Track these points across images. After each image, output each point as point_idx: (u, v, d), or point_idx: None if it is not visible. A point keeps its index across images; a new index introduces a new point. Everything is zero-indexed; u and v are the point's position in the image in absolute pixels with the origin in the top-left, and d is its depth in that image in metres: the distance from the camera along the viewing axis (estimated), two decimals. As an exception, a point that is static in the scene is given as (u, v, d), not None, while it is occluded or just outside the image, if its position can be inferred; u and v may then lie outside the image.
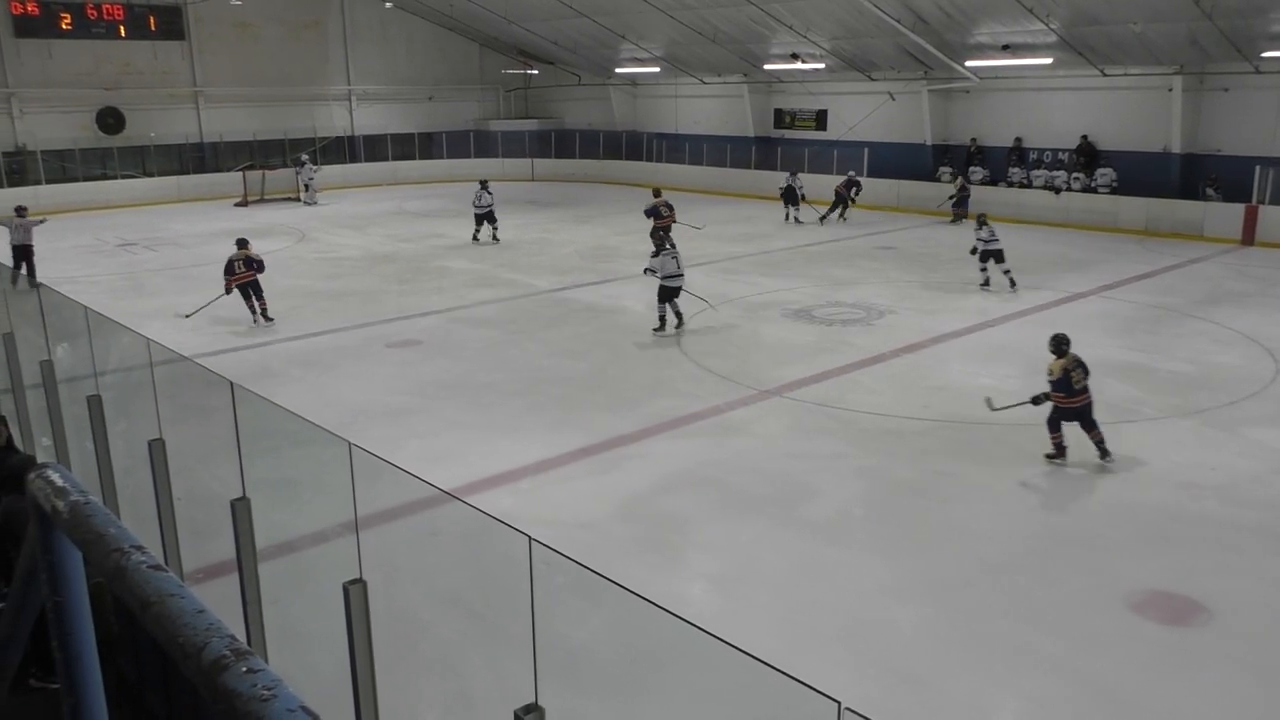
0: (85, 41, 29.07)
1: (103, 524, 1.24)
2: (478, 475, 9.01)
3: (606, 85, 35.34)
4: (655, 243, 15.43)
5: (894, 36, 24.20)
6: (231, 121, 31.86)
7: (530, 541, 3.09)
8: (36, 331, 7.64)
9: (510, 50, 36.82)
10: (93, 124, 29.55)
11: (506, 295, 16.80)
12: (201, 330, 14.57)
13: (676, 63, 31.49)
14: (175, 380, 6.53)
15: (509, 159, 35.49)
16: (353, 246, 21.83)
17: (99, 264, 20.21)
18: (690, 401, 11.09)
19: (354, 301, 16.44)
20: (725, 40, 28.04)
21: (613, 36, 30.64)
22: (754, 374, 12.05)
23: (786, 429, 10.26)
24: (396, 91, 35.63)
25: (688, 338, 13.75)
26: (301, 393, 11.37)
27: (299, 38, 33.41)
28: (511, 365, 12.69)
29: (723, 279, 17.79)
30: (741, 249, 20.94)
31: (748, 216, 25.71)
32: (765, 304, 15.79)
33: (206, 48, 31.44)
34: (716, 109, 32.21)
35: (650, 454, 9.61)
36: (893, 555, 7.55)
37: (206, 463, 6.36)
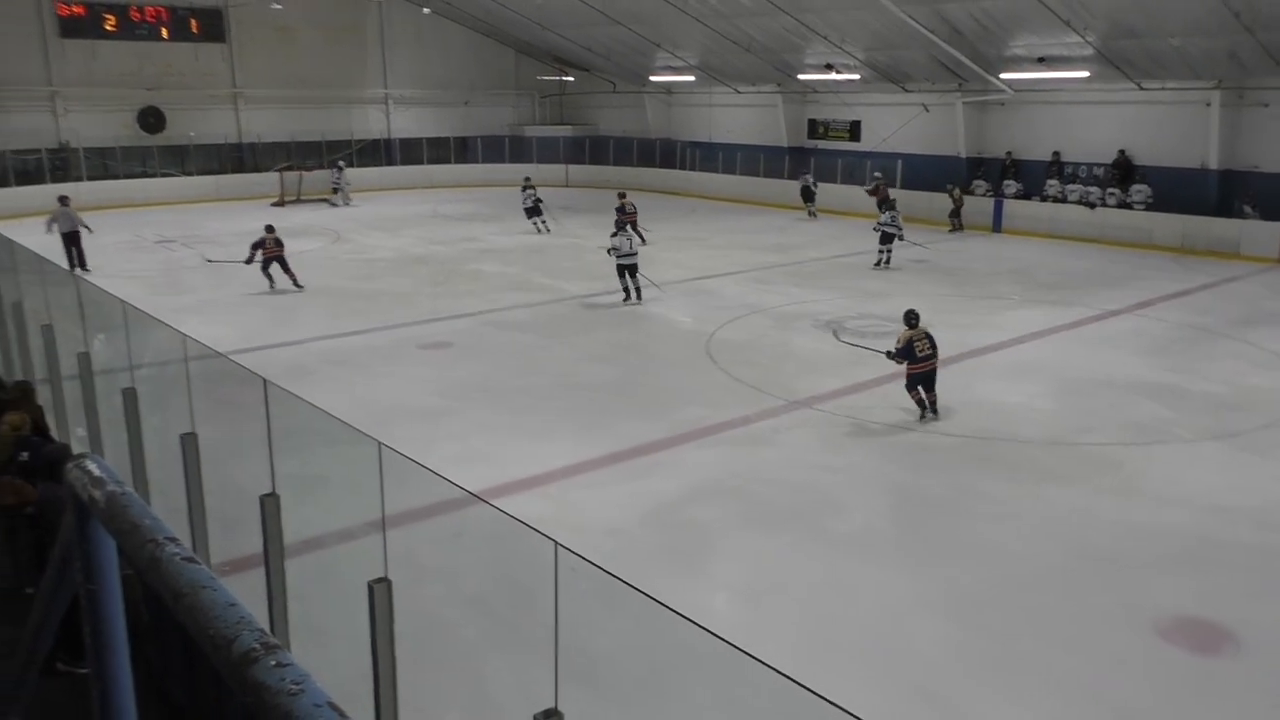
0: (128, 42, 29.60)
1: (138, 515, 1.25)
2: (506, 478, 9.03)
3: (641, 93, 35.42)
4: (616, 226, 17.35)
5: (928, 48, 24.08)
6: (270, 123, 32.25)
7: (556, 546, 3.09)
8: (75, 324, 7.75)
9: (546, 57, 37.01)
10: (134, 123, 30.03)
11: (539, 300, 16.85)
12: (236, 326, 14.73)
13: (711, 71, 31.51)
14: (209, 375, 6.61)
15: (544, 164, 35.59)
16: (387, 248, 22.00)
17: (137, 259, 20.50)
18: (719, 410, 11.05)
19: (387, 302, 16.56)
20: (760, 50, 28.02)
21: (648, 44, 30.71)
22: (783, 384, 12.00)
23: (815, 441, 10.20)
24: (432, 96, 35.91)
25: (717, 346, 13.73)
26: (333, 391, 11.46)
27: (337, 41, 33.77)
28: (542, 369, 12.72)
29: (754, 289, 17.75)
30: (774, 259, 20.88)
31: (780, 226, 25.64)
32: (796, 315, 15.73)
33: (246, 50, 31.86)
34: (750, 118, 32.17)
35: (678, 462, 9.59)
36: (919, 571, 7.48)
37: (238, 458, 6.42)
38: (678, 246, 22.42)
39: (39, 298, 8.52)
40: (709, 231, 24.82)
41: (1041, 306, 16.44)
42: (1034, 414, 11.03)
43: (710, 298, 16.98)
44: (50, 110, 28.74)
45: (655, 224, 25.97)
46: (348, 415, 8.91)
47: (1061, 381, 12.25)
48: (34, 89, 28.38)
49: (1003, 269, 19.97)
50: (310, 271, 19.19)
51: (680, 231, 24.81)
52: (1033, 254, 21.87)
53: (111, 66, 29.39)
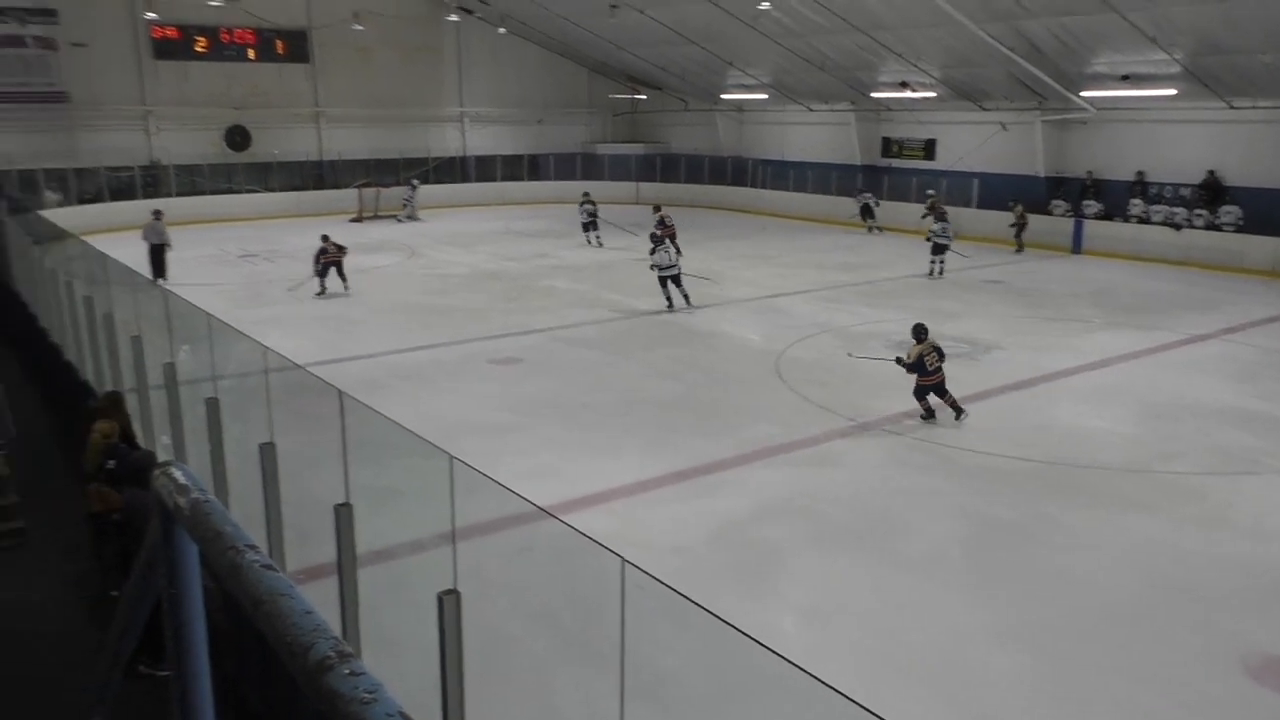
0: (218, 63, 30.75)
1: (220, 522, 1.29)
2: (573, 494, 9.08)
3: (713, 111, 35.48)
4: (654, 241, 18.22)
5: (1007, 65, 23.68)
6: (349, 140, 33.11)
7: (623, 563, 3.09)
8: (161, 335, 8.01)
9: (618, 75, 37.34)
10: (221, 141, 31.11)
11: (607, 316, 16.94)
12: (313, 339, 15.09)
13: (784, 89, 31.44)
14: (287, 387, 6.77)
15: (614, 182, 35.86)
16: (460, 264, 22.35)
17: (222, 273, 21.16)
18: (787, 429, 10.98)
19: (459, 317, 16.80)
20: (833, 68, 27.87)
21: (720, 63, 30.78)
22: (853, 404, 11.86)
23: (884, 462, 10.06)
24: (507, 114, 36.48)
25: (786, 364, 13.64)
26: (404, 404, 11.65)
27: (414, 61, 34.54)
28: (610, 386, 12.77)
29: (824, 307, 17.60)
30: (845, 278, 20.69)
31: (851, 245, 25.41)
32: (867, 334, 15.55)
33: (328, 70, 32.79)
34: (823, 136, 32.00)
35: (745, 481, 9.54)
36: (989, 598, 7.30)
37: (313, 468, 6.56)
38: (748, 264, 22.35)
39: (129, 310, 8.83)
40: (779, 249, 24.72)
41: (1123, 330, 15.99)
42: (1115, 440, 10.71)
43: (780, 316, 16.89)
44: (143, 129, 29.91)
45: (725, 242, 25.98)
46: (417, 428, 9.05)
47: (1144, 407, 11.88)
48: (128, 108, 29.58)
49: (1082, 290, 19.49)
50: (384, 287, 19.59)
51: (751, 249, 24.75)
52: (1114, 276, 21.33)
53: (201, 87, 30.51)
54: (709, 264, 22.39)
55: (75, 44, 27.96)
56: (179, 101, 30.27)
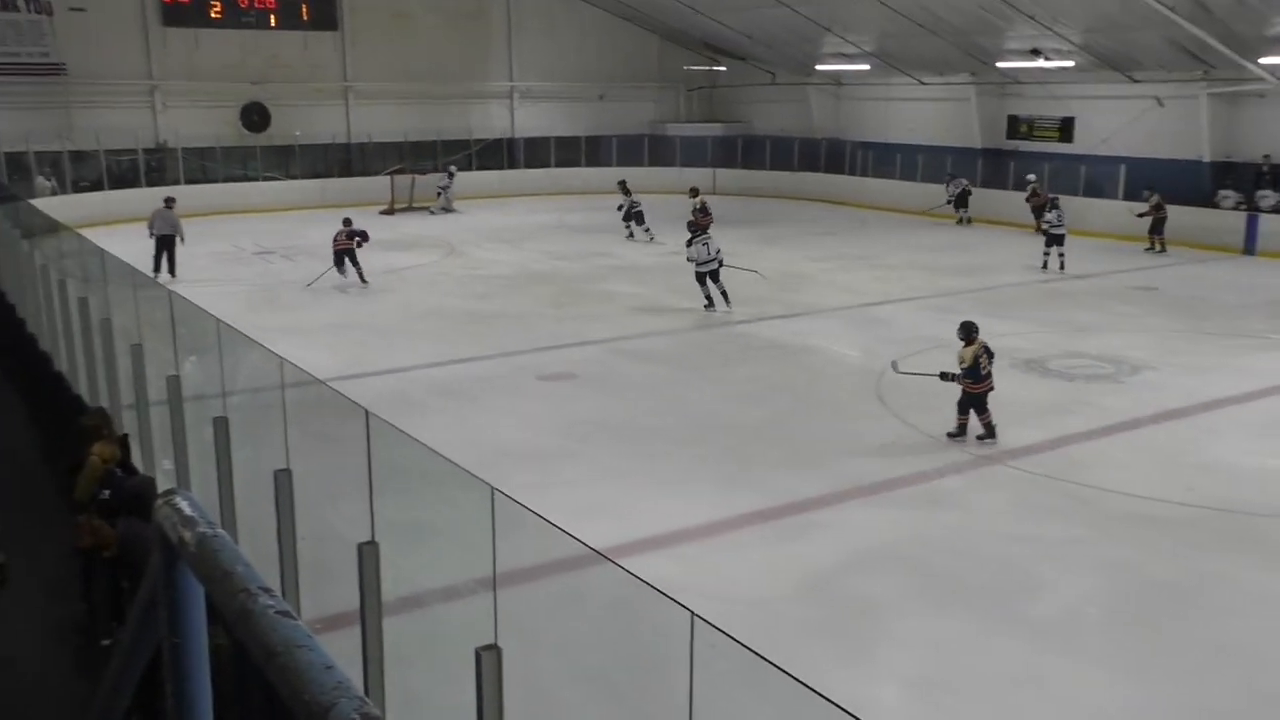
0: (233, 31, 31.62)
1: (230, 560, 1.32)
2: (634, 534, 9.08)
3: (805, 85, 35.39)
4: (690, 231, 18.37)
5: (1165, 29, 23.19)
6: (381, 120, 33.70)
7: (692, 617, 3.08)
8: (166, 343, 8.23)
9: (695, 44, 37.47)
10: (236, 121, 31.95)
11: (677, 326, 16.96)
12: (338, 350, 15.37)
13: (889, 59, 31.23)
14: (306, 404, 6.89)
15: (688, 168, 35.87)
16: (506, 263, 22.60)
17: (234, 272, 21.69)
18: (890, 463, 10.87)
19: (504, 325, 16.97)
20: (949, 33, 27.60)
21: (815, 29, 30.71)
22: (972, 435, 11.70)
23: (1009, 504, 9.91)
24: (563, 89, 36.85)
25: (889, 386, 13.50)
26: (441, 426, 11.78)
27: (458, 28, 35.10)
28: (679, 408, 12.77)
29: (936, 318, 17.39)
30: (960, 283, 20.43)
31: (968, 244, 25.09)
32: (987, 350, 15.33)
33: (360, 39, 33.50)
34: (936, 114, 31.69)
35: (839, 524, 9.46)
36: (1137, 672, 7.12)
37: (335, 499, 6.67)
38: (844, 266, 22.22)
39: (129, 314, 9.10)
40: (882, 248, 24.52)
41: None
42: None
43: (882, 328, 16.75)
44: (149, 106, 30.85)
45: (816, 239, 25.86)
46: (455, 454, 9.15)
47: (1330, 442, 11.51)
48: (133, 83, 30.53)
49: (1254, 300, 18.97)
50: (418, 289, 19.89)
51: (847, 248, 24.60)
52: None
53: (215, 58, 31.37)
54: (796, 265, 22.31)
55: (73, 8, 28.96)
56: (189, 75, 31.16)
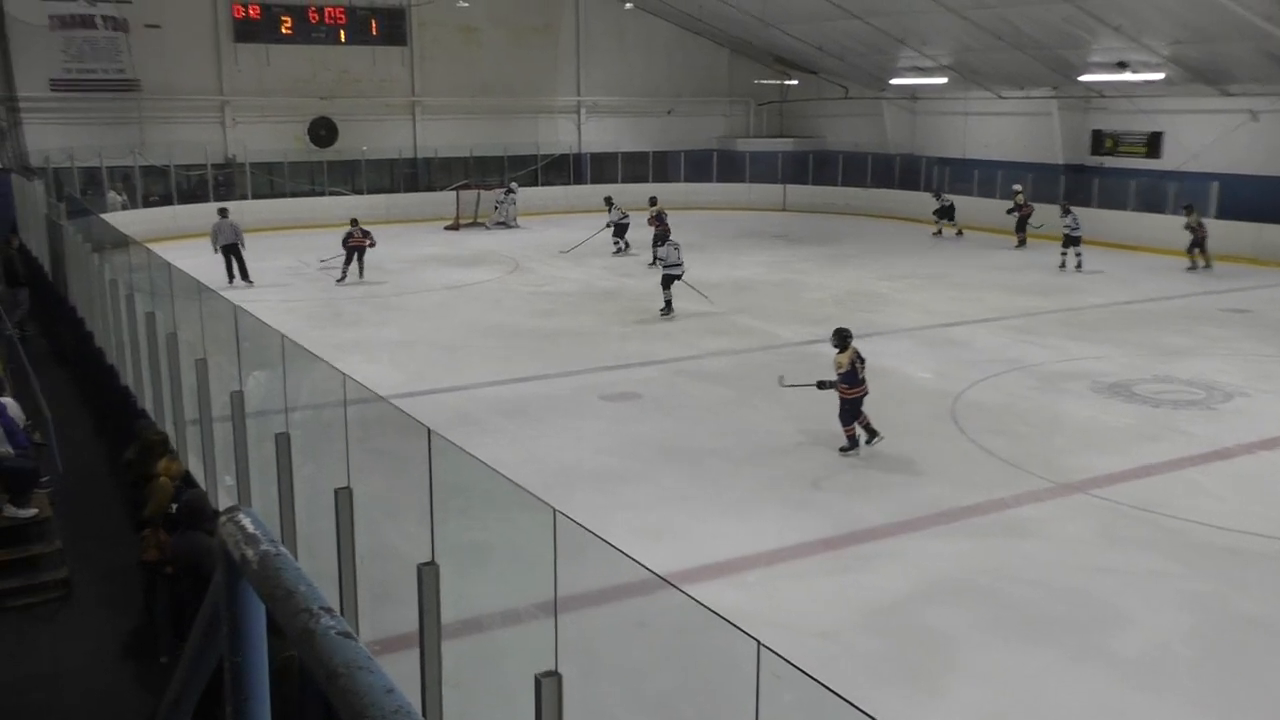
0: (303, 47, 32.25)
1: (293, 579, 1.34)
2: (697, 560, 9.07)
3: (879, 99, 35.21)
4: (659, 237, 19.86)
5: (1260, 40, 22.72)
6: (448, 135, 34.18)
7: (759, 647, 3.07)
8: (230, 358, 8.39)
9: (765, 57, 37.50)
10: (304, 135, 32.57)
11: (744, 346, 16.92)
12: (400, 366, 15.56)
13: (967, 72, 30.96)
14: (367, 422, 6.98)
15: (757, 184, 35.92)
16: (571, 280, 22.73)
17: (299, 287, 22.08)
18: (964, 490, 10.74)
19: (568, 343, 17.07)
20: (1030, 45, 27.31)
21: (889, 41, 30.57)
22: (1050, 461, 11.52)
23: (1091, 535, 9.73)
24: (631, 104, 37.08)
25: (966, 410, 13.34)
26: (502, 445, 11.87)
27: (526, 43, 35.51)
28: (745, 430, 12.73)
29: (1015, 339, 17.17)
30: (1041, 303, 20.15)
31: (1047, 263, 24.72)
32: (1069, 374, 15.09)
33: (428, 54, 34.01)
34: (1016, 129, 31.35)
35: (909, 552, 9.38)
36: (1226, 712, 6.93)
37: (395, 518, 6.75)
38: (918, 285, 22.03)
39: (194, 328, 9.30)
40: (959, 267, 24.28)
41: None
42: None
43: (958, 349, 16.57)
44: (219, 121, 31.58)
45: (889, 258, 25.67)
46: (517, 474, 9.21)
47: None
48: (204, 98, 31.25)
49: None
50: (483, 307, 20.07)
51: (921, 267, 24.39)
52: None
53: (284, 73, 32.04)
54: (868, 284, 22.15)
55: (149, 25, 29.77)
56: (259, 91, 31.85)
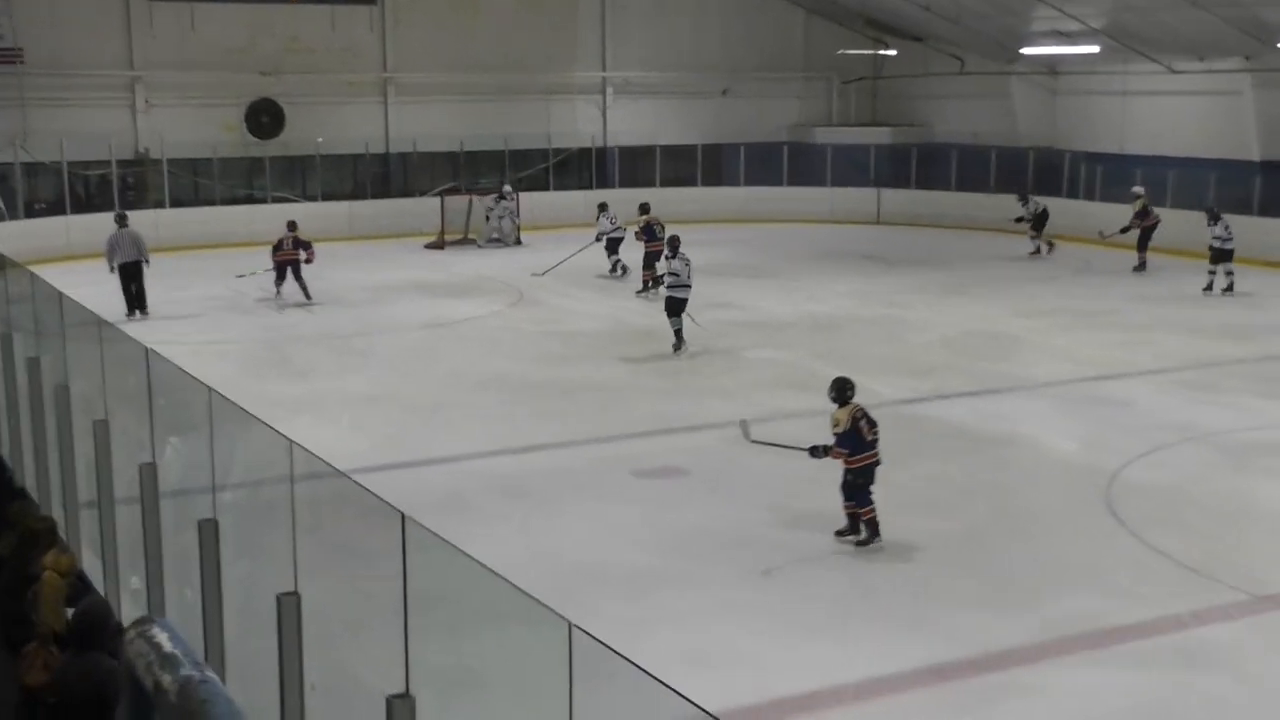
0: (239, 5, 32.73)
1: (223, 714, 1.34)
2: (765, 692, 9.01)
3: (1006, 74, 35.21)
4: (670, 249, 20.86)
5: None
6: (431, 122, 34.46)
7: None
8: (139, 419, 8.43)
9: (853, 19, 37.62)
10: (240, 123, 32.88)
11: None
12: (368, 429, 15.59)
13: (1127, 38, 30.92)
14: (320, 504, 6.98)
15: (841, 188, 35.87)
16: (592, 315, 22.79)
17: (232, 325, 22.23)
18: (1126, 603, 10.63)
19: (589, 401, 17.08)
20: (1214, 2, 27.27)
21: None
22: (1241, 565, 11.38)
23: (1300, 665, 9.60)
24: (673, 82, 37.35)
25: (1125, 493, 13.22)
26: (503, 537, 11.83)
27: (535, 3, 35.85)
28: (828, 519, 12.62)
29: (1192, 398, 17.02)
30: (1229, 349, 19.98)
31: (1244, 293, 24.53)
32: (1266, 446, 14.95)
33: (404, 15, 34.42)
34: (1194, 113, 31.23)
35: (1051, 687, 9.28)
36: None
37: (357, 633, 6.72)
38: (1061, 324, 21.90)
39: (93, 378, 9.36)
40: (1114, 301, 24.13)
41: None
42: None
43: (1115, 411, 16.46)
44: (128, 105, 31.95)
45: (1023, 286, 25.58)
46: (523, 576, 9.18)
47: None
48: (108, 74, 31.67)
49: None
50: (476, 351, 20.13)
51: (1065, 300, 24.25)
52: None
53: (214, 41, 32.41)
54: (994, 323, 22.06)
55: (35, -23, 30.23)
56: (181, 64, 32.18)
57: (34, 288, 11.75)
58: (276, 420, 8.45)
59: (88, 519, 9.16)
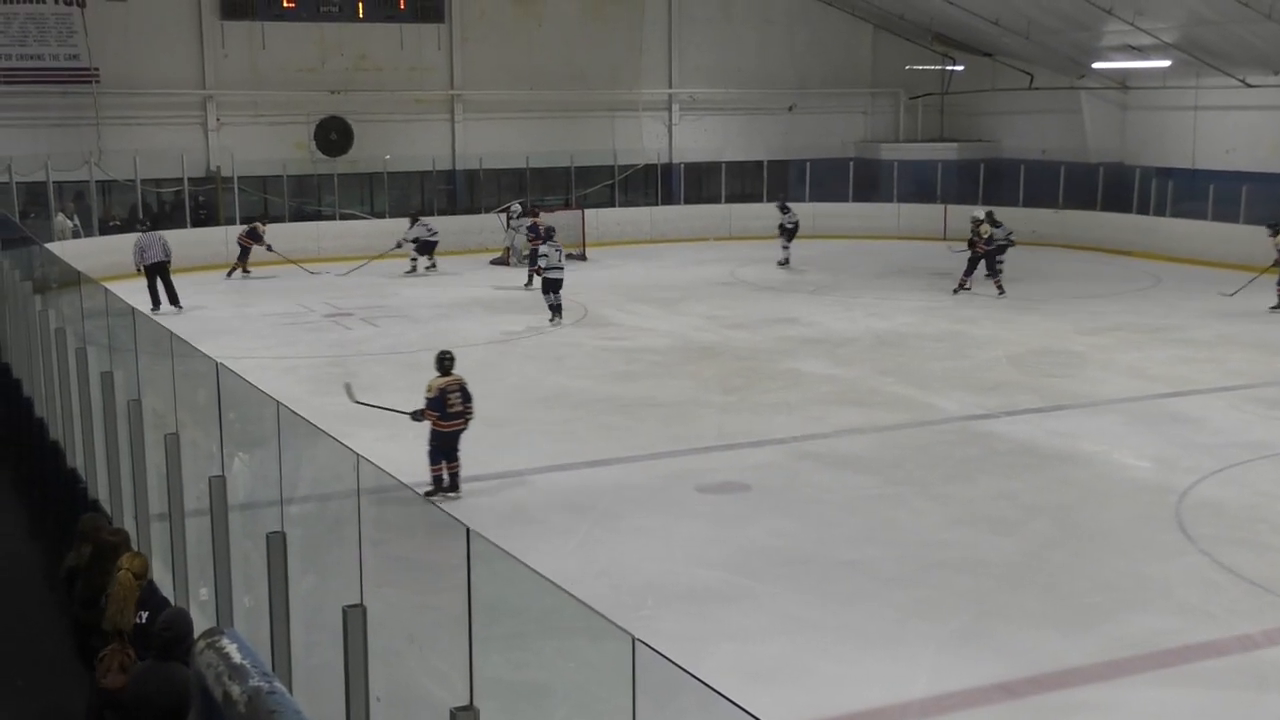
0: (309, 25, 33.03)
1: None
2: (827, 708, 9.01)
3: (1075, 89, 34.98)
4: (544, 235, 24.16)
5: None
6: (497, 139, 34.78)
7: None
8: (209, 433, 8.53)
9: (921, 34, 37.51)
10: (309, 141, 33.26)
11: (890, 421, 16.78)
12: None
13: (1200, 52, 30.62)
14: (386, 519, 7.04)
15: (909, 204, 35.76)
16: (658, 332, 22.82)
17: (300, 341, 22.43)
18: (1197, 622, 10.54)
19: (653, 418, 17.11)
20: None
21: (1092, 11, 30.36)
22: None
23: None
24: (739, 99, 37.46)
25: (1196, 511, 13.08)
26: (566, 552, 11.91)
27: (601, 18, 36.09)
28: (891, 535, 12.62)
29: (1264, 416, 16.82)
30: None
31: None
32: (1340, 464, 14.75)
33: (472, 34, 34.69)
34: (1269, 128, 30.84)
35: (1120, 706, 9.22)
36: None
37: (422, 646, 6.77)
38: (1130, 340, 21.70)
39: (164, 394, 9.48)
40: (1187, 317, 23.88)
41: None
42: None
43: (1186, 428, 16.31)
44: (200, 123, 32.40)
45: (1090, 302, 25.39)
46: (586, 590, 9.21)
47: None
48: (181, 93, 32.13)
49: None
50: (540, 367, 20.20)
51: (1135, 315, 24.04)
52: None
53: (285, 59, 32.86)
54: (1061, 339, 21.90)
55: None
56: (252, 83, 32.69)
57: (108, 303, 11.92)
58: (343, 435, 8.53)
59: (158, 531, 9.25)
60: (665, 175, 36.89)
